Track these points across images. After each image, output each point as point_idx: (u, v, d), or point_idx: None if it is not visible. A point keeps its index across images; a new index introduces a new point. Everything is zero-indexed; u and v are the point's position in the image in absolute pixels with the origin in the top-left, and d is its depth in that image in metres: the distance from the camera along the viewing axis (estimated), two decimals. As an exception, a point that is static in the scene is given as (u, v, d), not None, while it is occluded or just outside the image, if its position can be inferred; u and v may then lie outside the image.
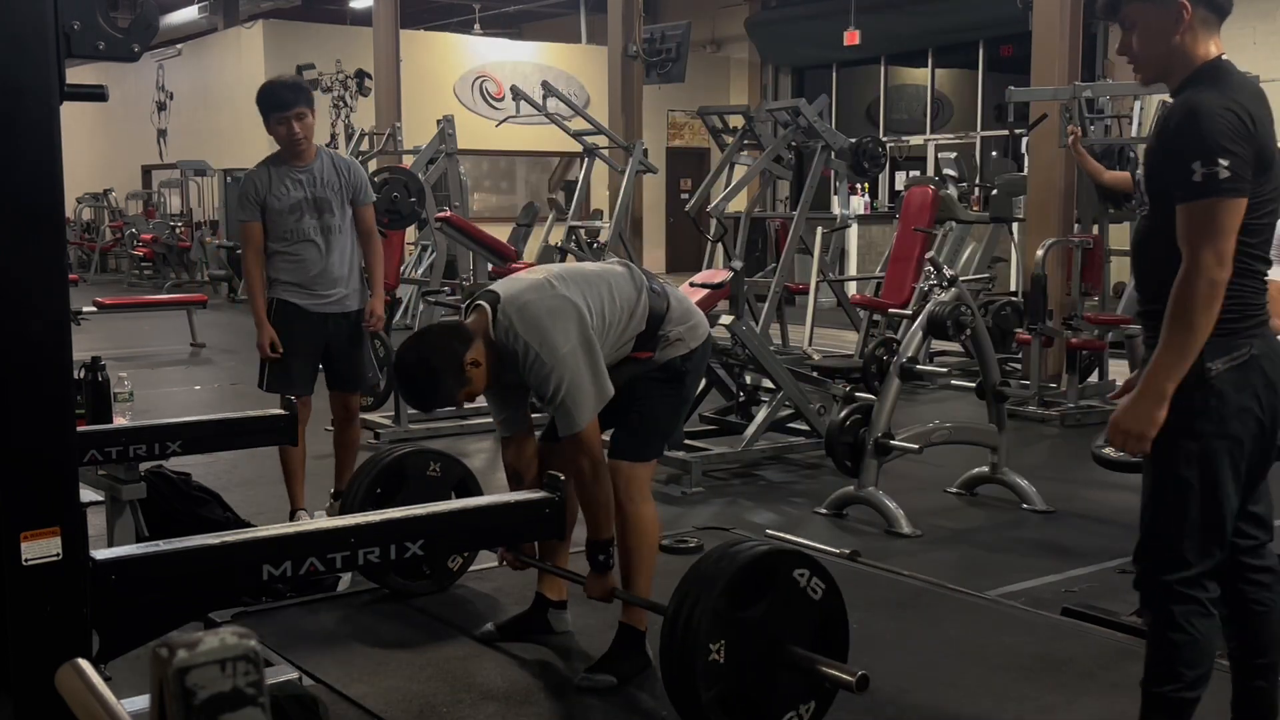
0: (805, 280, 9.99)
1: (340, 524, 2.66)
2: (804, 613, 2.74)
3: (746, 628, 2.67)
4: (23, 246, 2.03)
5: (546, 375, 2.98)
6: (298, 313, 4.51)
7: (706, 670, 2.61)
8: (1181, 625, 2.47)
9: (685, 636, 2.63)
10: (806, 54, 18.91)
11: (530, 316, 3.01)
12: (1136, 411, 2.41)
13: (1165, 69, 2.50)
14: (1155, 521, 2.52)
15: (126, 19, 2.15)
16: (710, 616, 2.62)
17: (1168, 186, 2.40)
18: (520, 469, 3.35)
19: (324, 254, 4.50)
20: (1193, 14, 2.43)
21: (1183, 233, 2.36)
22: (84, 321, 10.16)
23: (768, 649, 2.68)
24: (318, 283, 4.52)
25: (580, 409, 3.01)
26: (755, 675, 2.68)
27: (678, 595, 2.70)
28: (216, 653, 0.96)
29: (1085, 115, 7.79)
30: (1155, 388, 2.39)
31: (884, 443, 4.98)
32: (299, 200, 4.48)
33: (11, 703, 2.08)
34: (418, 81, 16.52)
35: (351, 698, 3.13)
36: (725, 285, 6.14)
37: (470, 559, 3.98)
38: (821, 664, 2.66)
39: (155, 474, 4.11)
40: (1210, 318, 2.34)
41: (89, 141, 20.95)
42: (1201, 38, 2.45)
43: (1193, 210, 2.34)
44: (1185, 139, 2.35)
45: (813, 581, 2.75)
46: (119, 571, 2.26)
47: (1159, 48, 2.48)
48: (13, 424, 2.05)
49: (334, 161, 4.61)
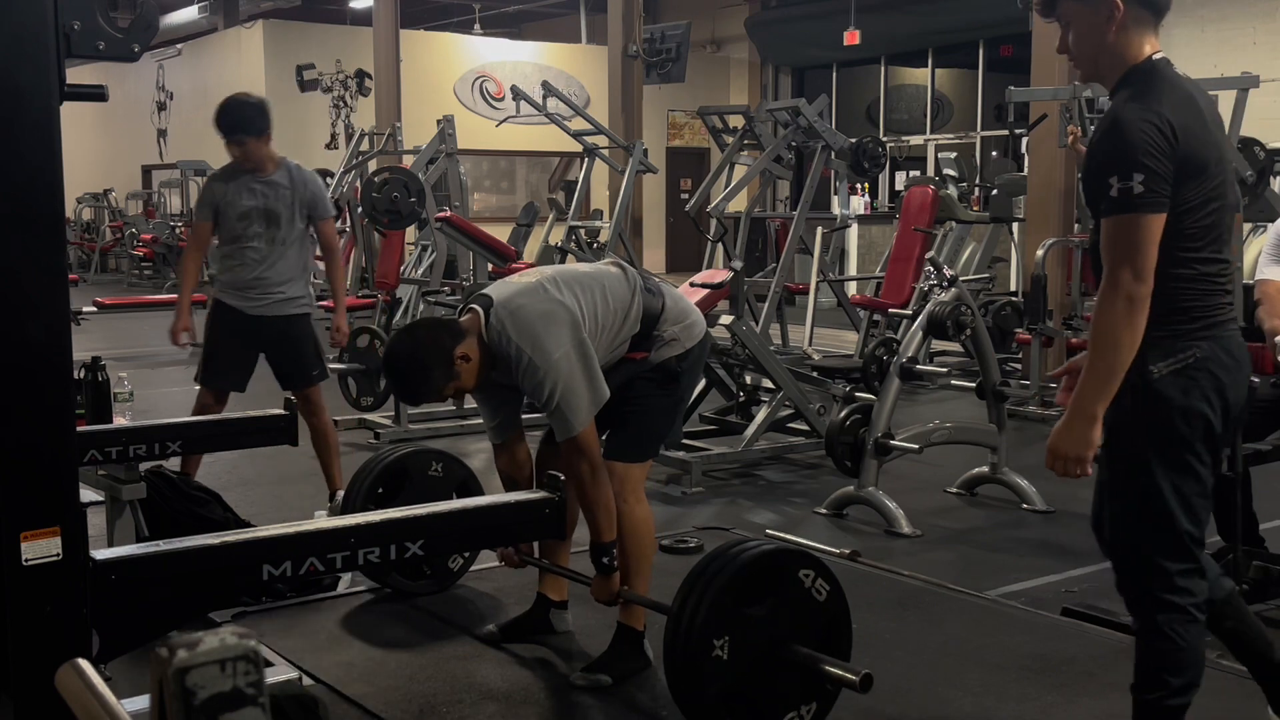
0: (805, 280, 9.99)
1: (340, 524, 2.66)
2: (808, 613, 2.74)
3: (751, 625, 2.66)
4: (23, 247, 2.03)
5: (541, 380, 2.98)
6: (230, 312, 4.67)
7: (710, 667, 2.61)
8: (1165, 633, 2.43)
9: (690, 632, 2.62)
10: (806, 54, 18.90)
11: (523, 321, 3.01)
12: (1070, 436, 2.38)
13: (1098, 68, 2.48)
14: (1121, 531, 2.48)
15: (126, 19, 2.15)
16: (715, 613, 2.61)
17: (1093, 200, 2.39)
18: (515, 475, 3.35)
19: (264, 263, 4.63)
20: (1125, 12, 2.39)
21: (1103, 248, 2.35)
22: (84, 321, 10.16)
23: (771, 648, 2.68)
24: (253, 288, 4.64)
25: (575, 413, 3.00)
26: (758, 673, 2.68)
27: (683, 591, 2.70)
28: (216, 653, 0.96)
29: (1085, 115, 7.78)
30: (1084, 410, 2.36)
31: (884, 443, 4.98)
32: (251, 208, 4.61)
33: (11, 703, 2.08)
34: (418, 81, 16.52)
35: (351, 698, 3.13)
36: (725, 285, 6.14)
37: (471, 559, 3.97)
38: (825, 663, 2.66)
39: (155, 474, 4.11)
40: (1133, 333, 2.31)
41: (89, 141, 20.95)
42: (1135, 37, 2.41)
43: (1110, 225, 2.33)
44: (1105, 153, 2.34)
45: (817, 582, 2.76)
46: (119, 571, 2.26)
47: (1091, 46, 2.45)
48: (13, 424, 2.05)
49: (293, 175, 4.70)
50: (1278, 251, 4.06)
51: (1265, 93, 8.32)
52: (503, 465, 3.36)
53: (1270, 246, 4.09)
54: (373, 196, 7.76)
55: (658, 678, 3.22)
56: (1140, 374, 2.35)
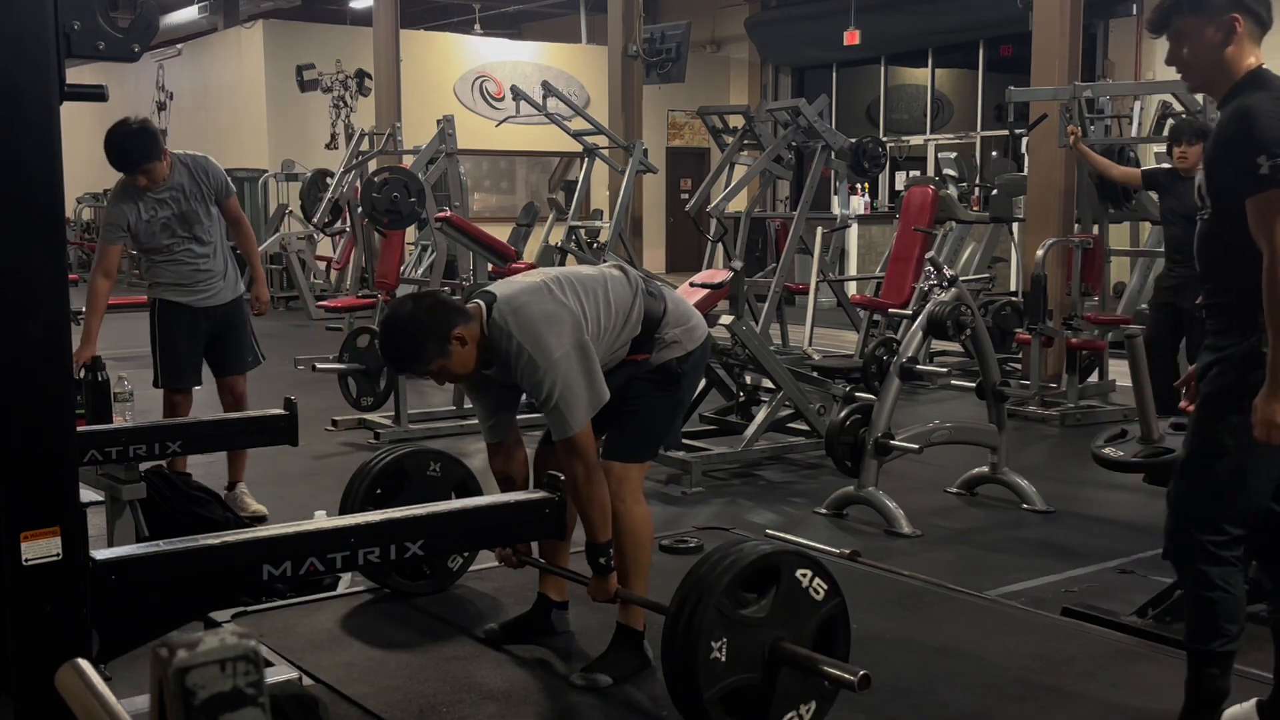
0: (805, 280, 9.99)
1: (340, 524, 2.66)
2: (806, 613, 2.75)
3: (748, 627, 2.67)
4: (23, 247, 2.03)
5: (540, 379, 2.98)
6: (179, 309, 4.77)
7: (708, 668, 2.61)
8: (1219, 584, 2.68)
9: (687, 634, 2.63)
10: (806, 54, 18.90)
11: (525, 318, 3.01)
12: (1275, 404, 2.52)
13: (1213, 79, 2.69)
14: (1194, 485, 2.70)
15: (126, 19, 2.15)
16: (713, 614, 2.62)
17: (1231, 186, 2.56)
18: (511, 474, 3.35)
19: (199, 258, 4.76)
20: (1244, 25, 2.62)
21: (1256, 225, 2.51)
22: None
23: (770, 648, 2.68)
24: (198, 281, 4.77)
25: (573, 413, 3.00)
26: (757, 674, 2.68)
27: (680, 593, 2.70)
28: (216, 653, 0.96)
29: (1085, 115, 7.79)
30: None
31: (884, 443, 4.98)
32: (167, 218, 4.69)
33: (11, 703, 2.08)
34: (418, 81, 16.51)
35: (351, 698, 3.12)
36: (725, 285, 6.14)
37: (470, 559, 3.97)
38: (823, 663, 2.66)
39: (155, 474, 4.11)
40: None
41: (89, 141, 20.93)
42: (1247, 49, 2.65)
43: (1263, 201, 2.49)
44: (1245, 138, 2.51)
45: (815, 582, 2.76)
46: (119, 571, 2.26)
47: (1211, 59, 2.66)
48: (13, 424, 2.05)
49: (190, 168, 4.75)
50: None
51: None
52: (498, 465, 3.36)
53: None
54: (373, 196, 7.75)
55: (657, 678, 3.22)
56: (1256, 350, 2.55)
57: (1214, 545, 2.68)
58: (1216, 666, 2.73)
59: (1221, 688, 2.76)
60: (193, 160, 4.79)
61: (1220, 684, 2.75)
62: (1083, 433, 6.78)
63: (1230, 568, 2.70)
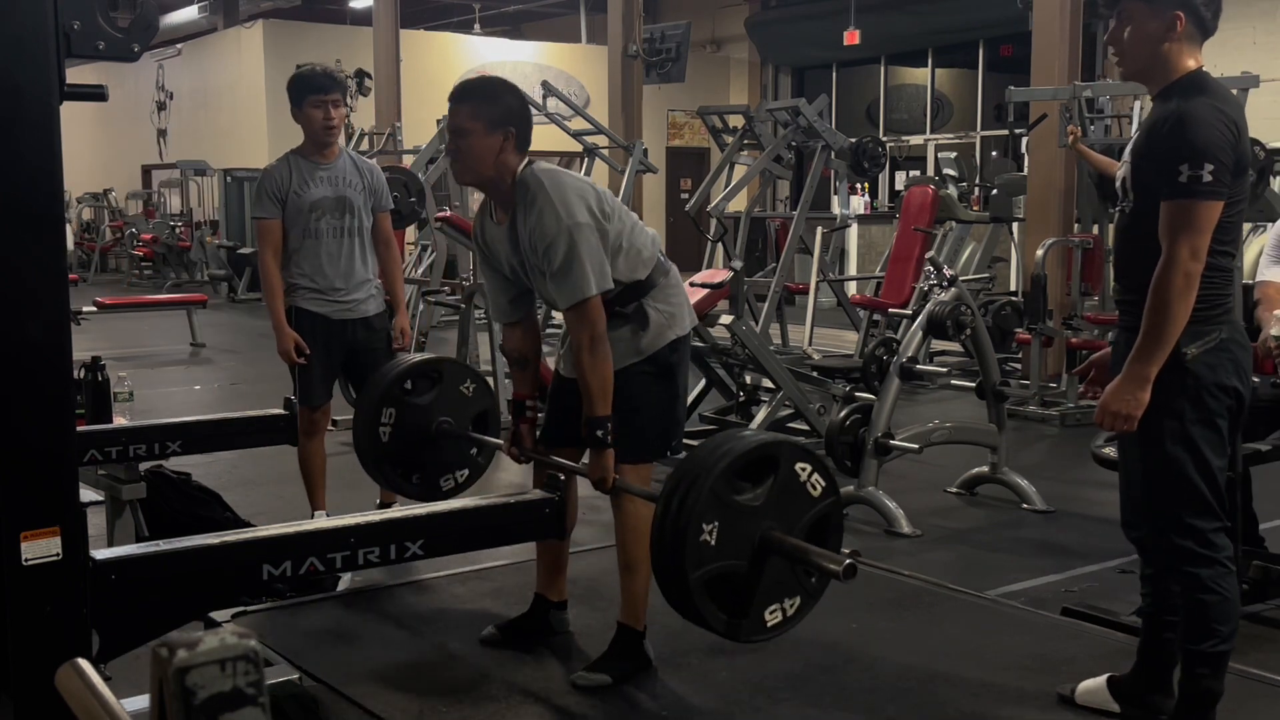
0: (805, 280, 9.99)
1: (340, 524, 2.66)
2: (801, 507, 2.67)
3: (741, 513, 2.60)
4: (23, 247, 2.03)
5: (555, 236, 2.98)
6: (319, 321, 4.34)
7: (696, 550, 2.55)
8: (1210, 586, 2.70)
9: (680, 514, 2.56)
10: (806, 54, 18.91)
11: (555, 181, 3.05)
12: (1122, 394, 2.65)
13: (1147, 71, 2.72)
14: (1157, 499, 2.74)
15: (126, 19, 2.15)
16: (708, 497, 2.55)
17: (1153, 185, 2.62)
18: (525, 352, 3.35)
19: (345, 256, 4.35)
20: (1185, 25, 2.64)
21: (1163, 227, 2.59)
22: (84, 321, 10.16)
23: (760, 537, 2.62)
24: (336, 287, 4.35)
25: (584, 276, 2.98)
26: (744, 562, 2.62)
27: (676, 474, 2.63)
28: (216, 653, 0.96)
29: (1085, 115, 7.79)
30: (1138, 372, 2.63)
31: (884, 443, 4.98)
32: (321, 198, 4.30)
33: (11, 703, 2.08)
34: (418, 81, 16.51)
35: (351, 698, 3.12)
36: (725, 285, 6.14)
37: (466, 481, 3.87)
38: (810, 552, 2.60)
39: (155, 474, 4.11)
40: (1186, 306, 2.57)
41: (89, 141, 20.95)
42: (1186, 50, 2.67)
43: (1174, 208, 2.57)
44: (1175, 142, 2.56)
45: (813, 477, 2.69)
46: (119, 571, 2.26)
47: (1146, 50, 2.69)
48: (13, 424, 2.05)
49: (357, 163, 4.47)
50: (1278, 252, 4.06)
51: (1265, 93, 8.32)
52: (512, 344, 3.36)
53: (1271, 247, 4.09)
54: (373, 196, 7.74)
55: (658, 678, 3.22)
56: (1174, 355, 2.62)
57: (1197, 545, 2.70)
58: (1207, 667, 2.74)
59: (1213, 689, 2.76)
60: (359, 157, 4.54)
61: (1211, 684, 2.76)
62: (1083, 433, 6.78)
63: (1220, 568, 2.71)
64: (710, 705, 3.10)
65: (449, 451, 3.78)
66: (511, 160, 3.09)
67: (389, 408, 3.64)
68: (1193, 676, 2.77)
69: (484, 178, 3.12)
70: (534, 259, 3.09)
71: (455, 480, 3.80)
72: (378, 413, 3.63)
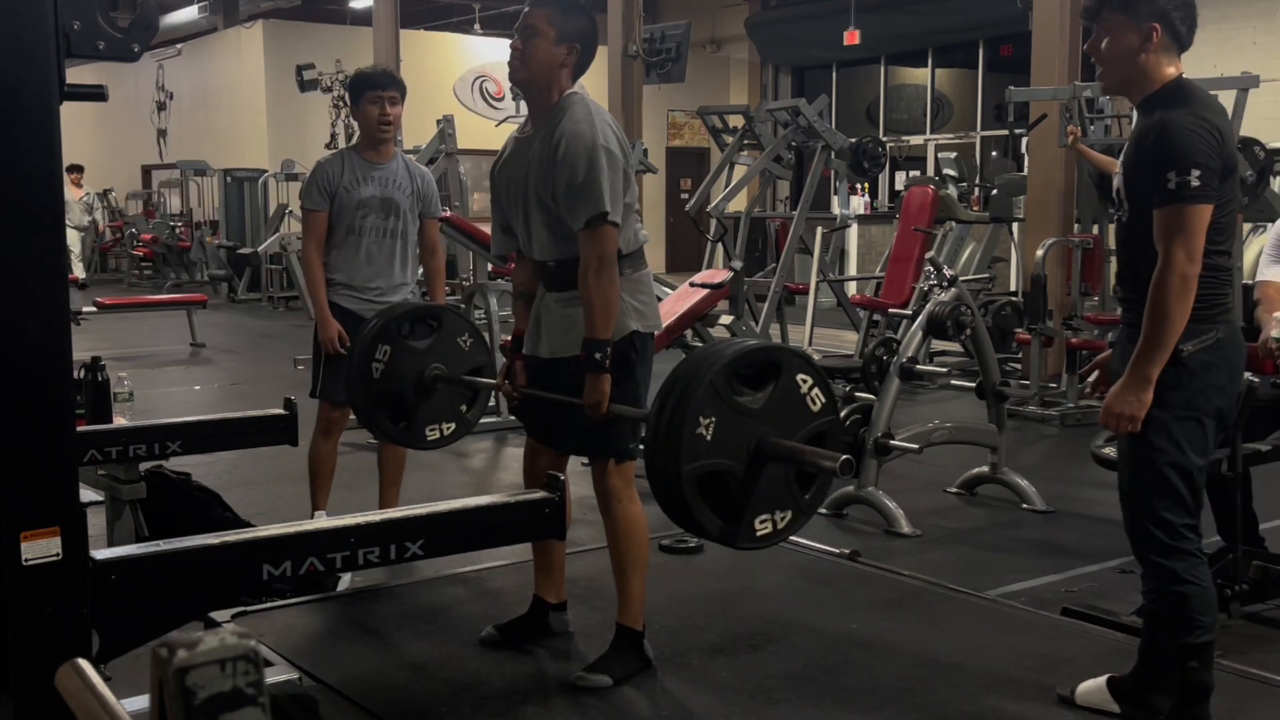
0: (805, 280, 9.98)
1: (340, 524, 2.66)
2: (799, 419, 2.65)
3: (739, 414, 2.57)
4: (23, 246, 2.03)
5: (581, 149, 2.98)
6: (350, 317, 4.29)
7: (692, 442, 2.52)
8: (1185, 578, 2.77)
9: (678, 405, 2.53)
10: (806, 54, 18.91)
11: (598, 108, 3.10)
12: (1125, 396, 2.74)
13: (1128, 81, 2.82)
14: (1135, 486, 2.83)
15: (126, 19, 2.15)
16: (706, 390, 2.52)
17: (1145, 193, 2.71)
18: (530, 286, 3.34)
19: (385, 257, 4.35)
20: (1161, 36, 2.74)
21: (1158, 233, 2.68)
22: (84, 321, 10.17)
23: (756, 442, 2.59)
24: (374, 286, 4.34)
25: (606, 192, 2.97)
26: (739, 464, 2.59)
27: (677, 369, 2.62)
28: (216, 653, 0.96)
29: (1085, 115, 7.79)
30: (1141, 374, 2.72)
31: (884, 443, 4.98)
32: (370, 197, 4.31)
33: (11, 703, 2.08)
34: (418, 81, 16.44)
35: (351, 698, 3.13)
36: (725, 285, 6.14)
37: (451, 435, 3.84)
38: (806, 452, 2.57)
39: (155, 474, 4.11)
40: (1184, 307, 2.66)
41: (89, 141, 20.96)
42: (1164, 59, 2.76)
43: (1166, 214, 2.66)
44: (1161, 152, 2.66)
45: (814, 391, 2.66)
46: (119, 571, 2.26)
47: (1125, 61, 2.78)
48: (13, 424, 2.05)
49: (409, 167, 4.45)
50: (1278, 252, 4.06)
51: (1265, 93, 8.32)
52: (522, 278, 3.37)
53: (1270, 247, 4.10)
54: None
55: (658, 678, 3.22)
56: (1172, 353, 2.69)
57: (1169, 537, 2.78)
58: (1196, 659, 2.79)
59: (1205, 680, 2.81)
60: (411, 162, 4.50)
61: (1203, 677, 2.81)
62: (1083, 433, 6.78)
63: (1192, 559, 2.78)
64: (710, 705, 3.10)
65: (439, 402, 3.78)
66: (565, 78, 3.13)
67: (385, 345, 3.64)
68: (1184, 671, 2.81)
69: (537, 82, 3.14)
70: (546, 175, 3.06)
71: (441, 432, 3.79)
72: (373, 348, 3.62)
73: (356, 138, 4.40)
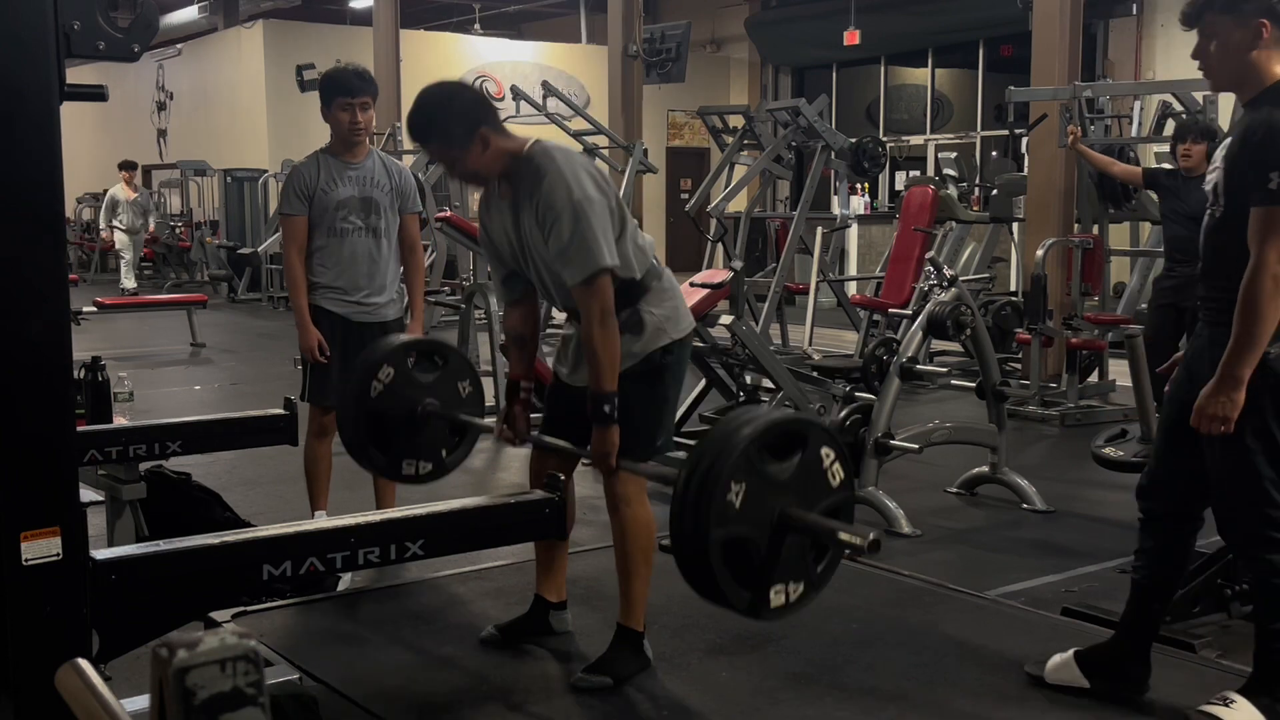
0: (805, 280, 9.99)
1: (340, 524, 2.66)
2: (819, 493, 2.64)
3: (767, 483, 2.57)
4: (23, 246, 2.03)
5: (561, 209, 2.94)
6: (337, 322, 4.30)
7: (722, 508, 2.51)
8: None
9: (712, 468, 2.52)
10: (806, 54, 18.91)
11: (565, 157, 3.03)
12: (1218, 398, 2.75)
13: (1239, 81, 2.80)
14: (1237, 489, 2.85)
15: (126, 19, 2.15)
16: (740, 457, 2.52)
17: (1244, 190, 2.70)
18: (523, 331, 3.35)
19: (368, 257, 4.31)
20: (1271, 31, 2.71)
21: (1252, 233, 2.68)
22: (84, 321, 10.17)
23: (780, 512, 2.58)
24: (359, 287, 4.31)
25: (597, 247, 2.95)
26: (763, 533, 2.58)
27: (709, 435, 2.62)
28: (216, 653, 0.96)
29: (1085, 115, 7.79)
30: (1233, 374, 2.73)
31: (884, 443, 4.98)
32: (349, 197, 4.26)
33: (11, 703, 2.08)
34: (418, 81, 16.35)
35: (351, 698, 3.13)
36: (725, 285, 6.14)
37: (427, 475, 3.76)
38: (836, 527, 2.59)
39: (155, 474, 4.11)
40: (1276, 308, 2.67)
41: (89, 141, 20.95)
42: (1275, 56, 2.74)
43: (1264, 214, 2.65)
44: (1268, 150, 2.64)
45: (835, 465, 2.67)
46: (119, 571, 2.26)
47: (1235, 60, 2.76)
48: (13, 424, 2.05)
49: (385, 163, 4.40)
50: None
51: None
52: (513, 323, 3.36)
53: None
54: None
55: (658, 678, 3.22)
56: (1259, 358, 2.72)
57: (1270, 530, 2.83)
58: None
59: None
60: (388, 157, 4.43)
61: None
62: (1083, 433, 6.78)
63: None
64: (710, 705, 3.10)
65: (424, 439, 3.75)
66: (501, 148, 3.04)
67: (389, 367, 3.63)
68: (1269, 651, 2.91)
69: (486, 174, 3.10)
70: (537, 236, 3.05)
71: (418, 470, 3.73)
72: (378, 367, 3.61)
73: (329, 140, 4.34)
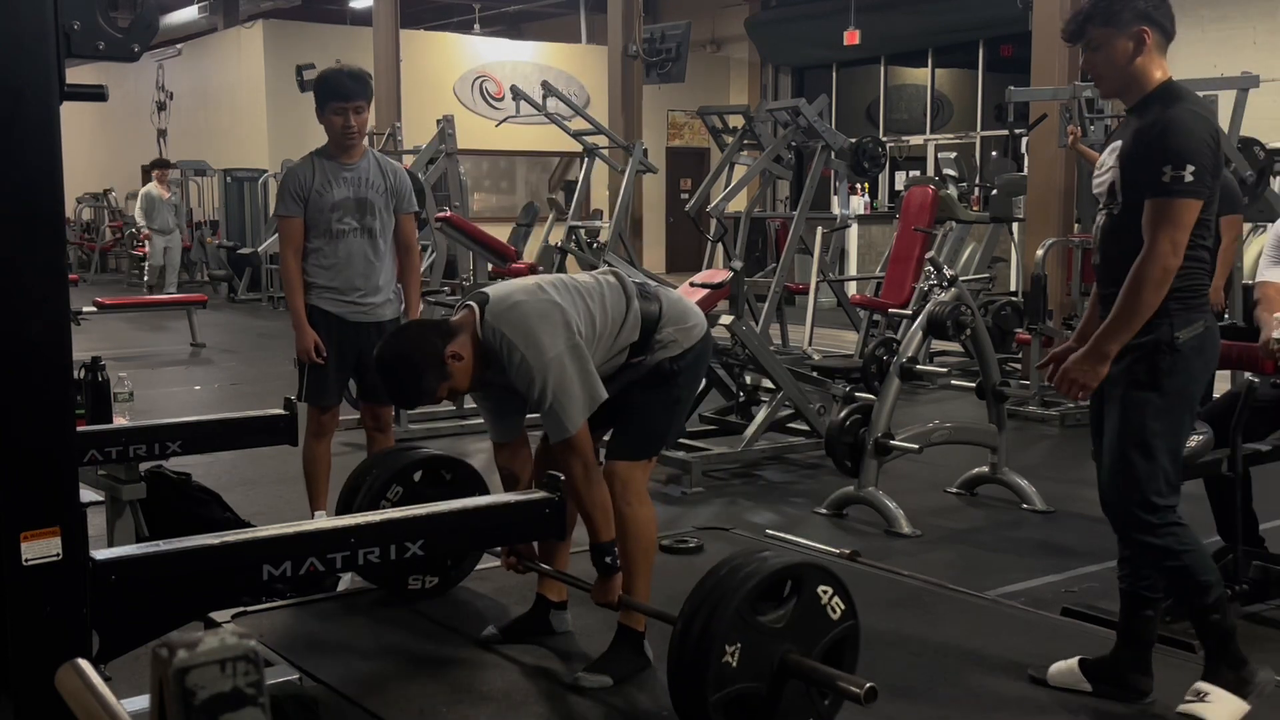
0: (805, 280, 9.98)
1: (340, 524, 2.66)
2: (820, 630, 2.71)
3: (763, 635, 2.63)
4: (23, 246, 2.03)
5: (533, 378, 2.97)
6: (334, 321, 4.31)
7: (718, 672, 2.58)
8: (1179, 549, 2.86)
9: (703, 636, 2.58)
10: (806, 54, 18.91)
11: (518, 317, 3.00)
12: (1084, 366, 2.86)
13: (1124, 86, 2.92)
14: (1128, 469, 2.87)
15: (126, 19, 2.15)
16: (732, 619, 2.58)
17: (1141, 185, 2.80)
18: (516, 471, 3.35)
19: (363, 257, 4.31)
20: (1152, 37, 2.84)
21: (1146, 223, 2.77)
22: (84, 321, 10.16)
23: (780, 659, 2.65)
24: (355, 287, 4.31)
25: (569, 413, 2.99)
26: (763, 684, 2.64)
27: (699, 594, 2.66)
28: (216, 653, 0.96)
29: (1085, 115, 7.79)
30: (1102, 348, 2.84)
31: (884, 443, 4.98)
32: (344, 199, 4.27)
33: (11, 703, 2.08)
34: (418, 81, 16.51)
35: (351, 698, 3.12)
36: (725, 285, 6.14)
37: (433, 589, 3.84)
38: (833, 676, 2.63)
39: (155, 474, 4.11)
40: (1158, 296, 2.76)
41: (89, 141, 20.95)
42: (1156, 60, 2.88)
43: (1158, 205, 2.76)
44: (1161, 146, 2.75)
45: (834, 600, 2.73)
46: (119, 571, 2.26)
47: (1122, 69, 2.88)
48: (13, 424, 2.05)
49: (380, 164, 4.40)
50: (1278, 253, 4.05)
51: (1265, 93, 8.33)
52: (504, 461, 3.36)
53: (1270, 248, 4.09)
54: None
55: (658, 678, 3.22)
56: (1169, 340, 2.81)
57: (1158, 518, 2.86)
58: (1216, 613, 2.88)
59: (1229, 624, 2.90)
60: (383, 158, 4.44)
61: (1225, 622, 2.89)
62: (1083, 433, 6.74)
63: (1180, 528, 2.87)
64: (710, 705, 3.10)
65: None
66: (468, 359, 3.01)
67: (399, 486, 3.64)
68: (1205, 624, 2.91)
69: (479, 377, 3.09)
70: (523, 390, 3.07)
71: (423, 584, 3.79)
72: (386, 486, 3.62)
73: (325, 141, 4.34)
